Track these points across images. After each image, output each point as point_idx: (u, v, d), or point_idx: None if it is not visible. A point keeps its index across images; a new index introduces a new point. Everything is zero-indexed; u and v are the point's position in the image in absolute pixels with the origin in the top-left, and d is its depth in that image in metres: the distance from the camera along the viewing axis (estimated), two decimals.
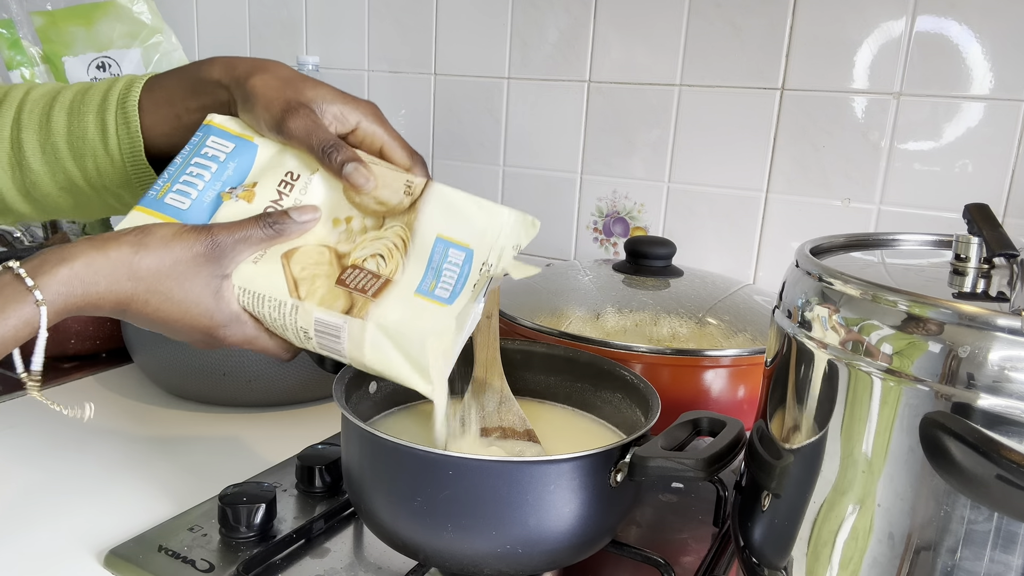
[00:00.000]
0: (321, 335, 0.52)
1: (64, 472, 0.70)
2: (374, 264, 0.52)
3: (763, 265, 0.94)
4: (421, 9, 1.10)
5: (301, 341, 0.53)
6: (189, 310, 0.51)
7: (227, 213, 0.54)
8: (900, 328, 0.39)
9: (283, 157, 0.56)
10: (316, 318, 0.51)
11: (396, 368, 0.51)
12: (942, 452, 0.36)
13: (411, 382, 0.52)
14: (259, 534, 0.59)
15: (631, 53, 0.96)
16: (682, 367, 0.69)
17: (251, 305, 0.52)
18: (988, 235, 0.47)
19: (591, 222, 1.04)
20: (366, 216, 0.54)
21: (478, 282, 0.53)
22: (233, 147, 0.56)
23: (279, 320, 0.52)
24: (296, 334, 0.53)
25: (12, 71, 1.20)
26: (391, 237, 0.53)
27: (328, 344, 0.52)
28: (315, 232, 0.54)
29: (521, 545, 0.49)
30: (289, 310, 0.52)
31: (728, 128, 0.92)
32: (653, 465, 0.49)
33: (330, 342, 0.52)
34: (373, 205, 0.54)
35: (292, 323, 0.52)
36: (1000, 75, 0.78)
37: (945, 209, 0.83)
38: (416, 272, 0.52)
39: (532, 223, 0.55)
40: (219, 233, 0.51)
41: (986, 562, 0.38)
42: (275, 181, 0.55)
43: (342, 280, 0.52)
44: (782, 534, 0.47)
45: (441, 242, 0.53)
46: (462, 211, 0.54)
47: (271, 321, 0.53)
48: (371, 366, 0.52)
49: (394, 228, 0.54)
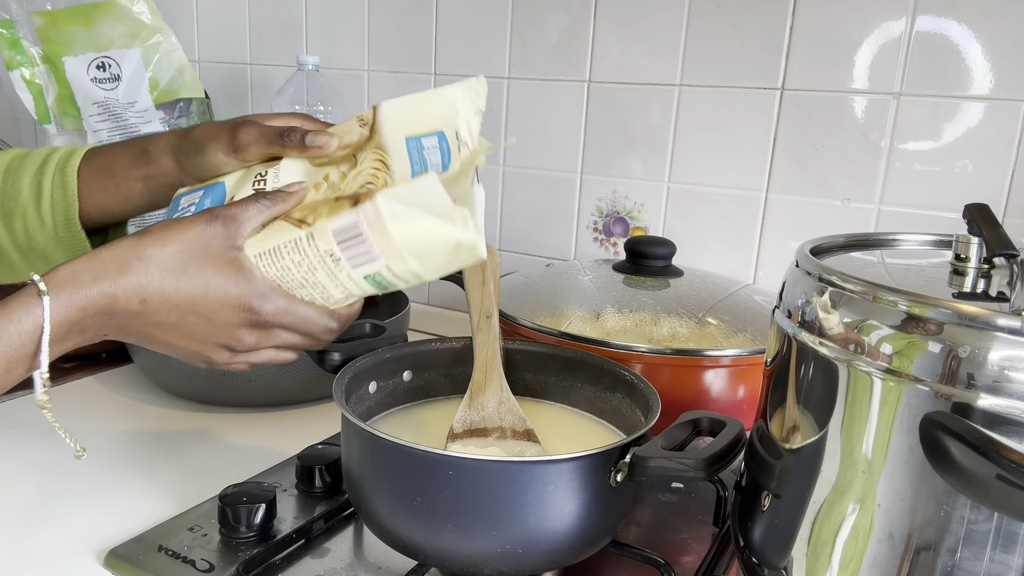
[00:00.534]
0: (346, 246, 0.50)
1: (64, 472, 0.70)
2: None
3: (763, 265, 0.94)
4: (421, 9, 1.10)
5: (333, 273, 0.51)
6: (210, 282, 0.50)
7: None
8: (900, 328, 0.39)
9: (249, 171, 0.58)
10: (333, 229, 0.50)
11: (426, 227, 0.49)
12: (942, 452, 0.36)
13: (447, 233, 0.49)
14: (259, 534, 0.59)
15: (631, 53, 0.96)
16: (682, 367, 0.69)
17: (272, 265, 0.51)
18: (988, 235, 0.47)
19: (591, 222, 1.04)
20: (340, 164, 0.56)
21: (464, 157, 0.55)
22: (203, 191, 0.58)
23: (303, 261, 0.51)
24: (325, 268, 0.51)
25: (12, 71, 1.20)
26: (369, 164, 0.55)
27: (357, 253, 0.50)
28: (305, 200, 0.55)
29: (521, 545, 0.49)
30: (306, 242, 0.50)
31: (728, 128, 0.92)
32: (653, 465, 0.49)
33: (357, 249, 0.50)
34: (340, 153, 0.56)
35: (315, 254, 0.50)
36: (1000, 75, 0.78)
37: (945, 209, 0.83)
38: (404, 171, 0.54)
39: (479, 82, 0.57)
40: (220, 210, 0.51)
41: (986, 562, 0.38)
42: (248, 186, 0.56)
43: (341, 195, 0.52)
44: (782, 534, 0.47)
45: (411, 140, 0.55)
46: (415, 108, 0.56)
47: (298, 272, 0.51)
48: (403, 243, 0.49)
49: (368, 157, 0.55)
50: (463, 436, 0.62)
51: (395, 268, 0.51)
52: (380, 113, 0.56)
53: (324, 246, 0.50)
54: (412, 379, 0.67)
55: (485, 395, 0.63)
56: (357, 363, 0.61)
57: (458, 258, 0.51)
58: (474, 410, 0.63)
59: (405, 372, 0.67)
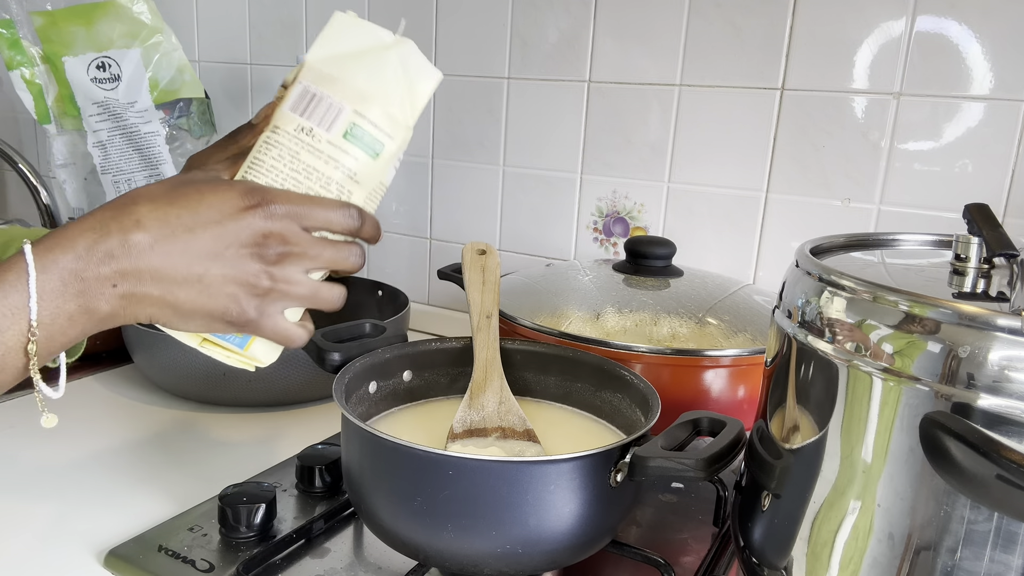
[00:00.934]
0: (308, 113, 0.50)
1: (64, 472, 0.70)
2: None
3: (763, 265, 0.94)
4: (421, 9, 1.10)
5: (315, 148, 0.50)
6: (203, 188, 0.46)
7: None
8: (900, 328, 0.39)
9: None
10: (288, 107, 0.50)
11: (359, 50, 0.50)
12: (942, 452, 0.36)
13: (379, 41, 0.50)
14: (259, 534, 0.59)
15: (631, 53, 0.96)
16: (682, 367, 0.69)
17: (258, 176, 0.50)
18: (988, 235, 0.47)
19: (591, 222, 1.04)
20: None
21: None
22: None
23: (282, 152, 0.50)
24: (305, 146, 0.50)
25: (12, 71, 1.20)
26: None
27: (322, 113, 0.50)
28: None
29: (521, 545, 0.49)
30: (273, 134, 0.50)
31: (728, 128, 0.92)
32: (653, 465, 0.49)
33: (319, 109, 0.50)
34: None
35: (287, 138, 0.50)
36: (1000, 75, 0.78)
37: (945, 209, 0.83)
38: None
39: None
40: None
41: (986, 562, 0.38)
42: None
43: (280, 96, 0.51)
44: (782, 534, 0.47)
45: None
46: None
47: (283, 166, 0.50)
48: (352, 79, 0.50)
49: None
50: (463, 436, 0.62)
51: (367, 114, 0.50)
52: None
53: (290, 126, 0.50)
54: (412, 379, 0.67)
55: (485, 395, 0.63)
56: (357, 363, 0.61)
57: (410, 72, 0.50)
58: (474, 410, 0.63)
59: (405, 372, 0.67)
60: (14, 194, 1.65)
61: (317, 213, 0.48)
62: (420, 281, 1.19)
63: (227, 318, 0.47)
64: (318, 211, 0.48)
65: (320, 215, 0.48)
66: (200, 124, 1.31)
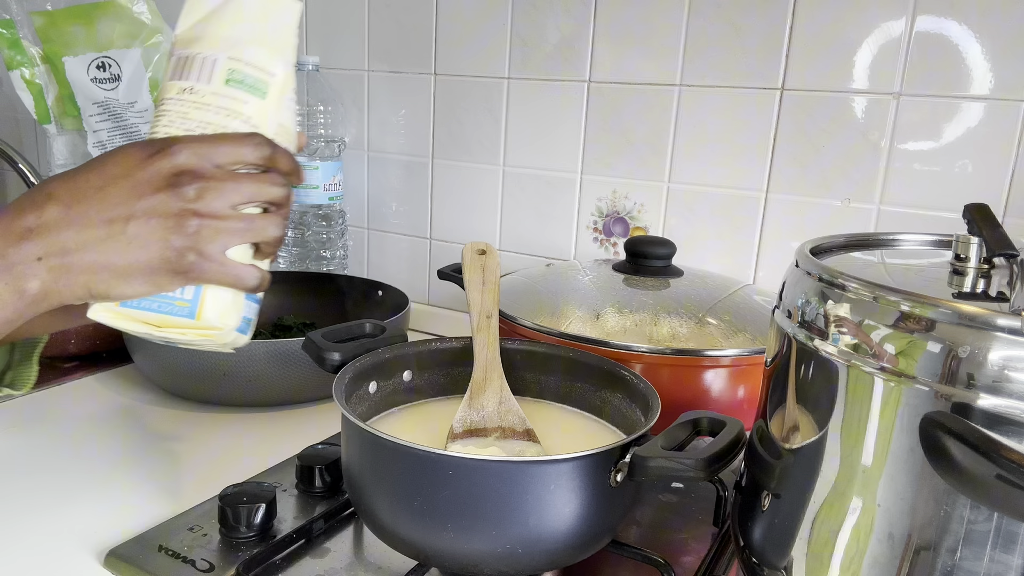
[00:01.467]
0: (187, 73, 0.50)
1: (64, 472, 0.70)
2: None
3: (763, 265, 0.94)
4: (421, 9, 1.10)
5: (203, 103, 0.50)
6: (106, 155, 0.47)
7: None
8: (900, 328, 0.39)
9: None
10: (169, 76, 0.51)
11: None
12: (942, 452, 0.36)
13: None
14: (259, 534, 0.59)
15: (631, 53, 0.96)
16: (682, 367, 0.69)
17: (160, 125, 0.51)
18: (988, 235, 0.47)
19: (591, 222, 1.04)
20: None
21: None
22: None
23: (173, 118, 0.50)
24: (193, 104, 0.50)
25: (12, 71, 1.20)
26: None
27: (199, 69, 0.50)
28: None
29: (521, 545, 0.49)
30: (162, 105, 0.51)
31: (728, 128, 0.92)
32: (653, 465, 0.49)
33: (196, 67, 0.50)
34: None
35: (174, 104, 0.50)
36: (1000, 75, 0.78)
37: (945, 209, 0.83)
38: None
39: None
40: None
41: (986, 562, 0.38)
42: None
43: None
44: (782, 534, 0.47)
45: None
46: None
47: (180, 126, 0.50)
48: (216, 26, 0.51)
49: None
50: (463, 436, 0.62)
51: (241, 56, 0.51)
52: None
53: (172, 92, 0.50)
54: (412, 379, 0.67)
55: (485, 395, 0.63)
56: (357, 363, 0.61)
57: (268, 8, 0.51)
58: (474, 410, 0.63)
59: (405, 372, 0.67)
60: (14, 194, 1.65)
61: (223, 147, 0.48)
62: (420, 281, 1.19)
63: (167, 266, 0.46)
64: (223, 145, 0.48)
65: (226, 148, 0.48)
66: None
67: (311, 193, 1.11)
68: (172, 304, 0.49)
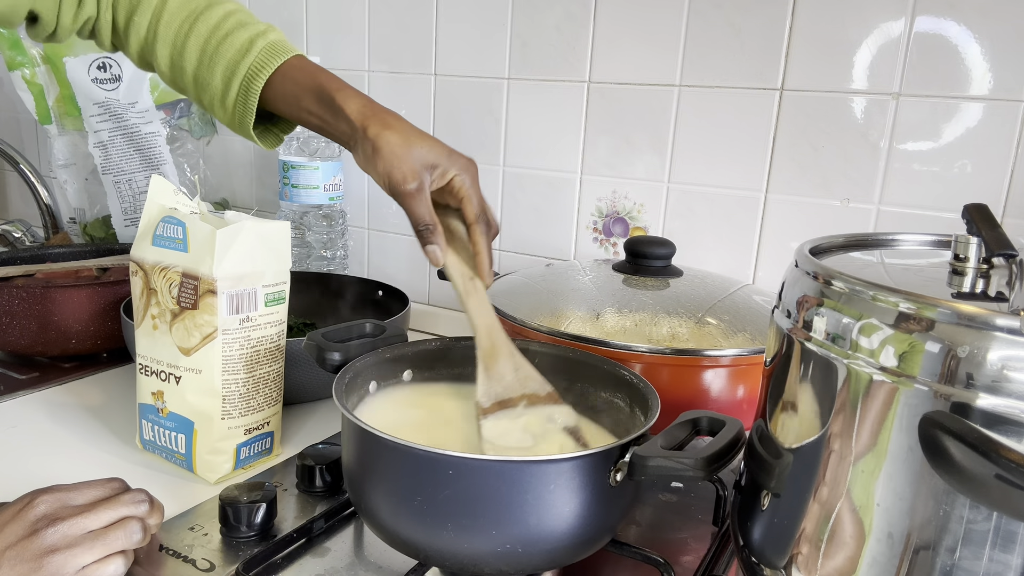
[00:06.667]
0: (237, 307, 0.67)
1: (65, 472, 0.70)
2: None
3: (763, 265, 0.94)
4: (421, 9, 1.10)
5: (254, 324, 0.68)
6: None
7: None
8: (899, 328, 0.39)
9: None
10: (224, 315, 0.66)
11: None
12: (941, 452, 0.36)
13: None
14: (259, 533, 0.59)
15: (631, 53, 0.96)
16: (682, 367, 0.69)
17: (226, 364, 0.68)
18: (987, 235, 0.47)
19: (591, 222, 1.04)
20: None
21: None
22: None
23: (237, 344, 0.68)
24: (245, 328, 0.68)
25: (13, 71, 1.20)
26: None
27: (245, 303, 0.67)
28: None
29: (521, 544, 0.49)
30: (222, 337, 0.66)
31: (728, 128, 0.92)
32: (653, 464, 0.49)
33: (242, 301, 0.67)
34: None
35: (234, 334, 0.67)
36: (999, 75, 0.78)
37: (944, 209, 0.83)
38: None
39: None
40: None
41: (985, 562, 0.38)
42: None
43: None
44: (782, 534, 0.47)
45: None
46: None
47: (236, 345, 0.68)
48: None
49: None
50: (493, 410, 0.61)
51: (266, 281, 0.68)
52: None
53: (233, 324, 0.67)
54: (412, 379, 0.67)
55: (499, 363, 0.63)
56: (357, 363, 0.62)
57: (267, 238, 0.68)
58: (494, 381, 0.62)
59: (405, 372, 0.67)
60: (15, 194, 1.65)
61: (81, 491, 0.55)
62: (420, 281, 1.20)
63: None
64: (81, 490, 0.55)
65: (83, 492, 0.55)
66: (201, 124, 1.32)
67: (312, 193, 1.11)
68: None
